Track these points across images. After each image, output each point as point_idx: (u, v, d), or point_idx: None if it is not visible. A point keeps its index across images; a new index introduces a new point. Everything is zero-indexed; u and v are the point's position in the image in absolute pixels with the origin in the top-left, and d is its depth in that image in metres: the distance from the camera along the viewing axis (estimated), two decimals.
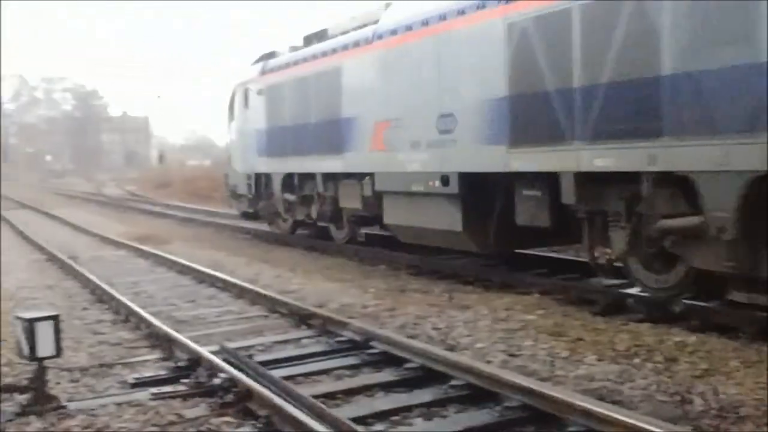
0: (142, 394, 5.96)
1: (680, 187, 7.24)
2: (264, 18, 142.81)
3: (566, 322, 7.79)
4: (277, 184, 15.79)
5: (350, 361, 6.71)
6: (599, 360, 6.29)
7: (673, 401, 5.21)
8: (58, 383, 6.33)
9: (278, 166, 15.50)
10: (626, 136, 7.51)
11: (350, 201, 13.18)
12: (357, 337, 7.21)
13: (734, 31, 6.35)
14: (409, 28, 11.12)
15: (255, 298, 9.81)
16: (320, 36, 14.47)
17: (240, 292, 10.31)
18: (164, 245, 16.28)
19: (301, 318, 8.39)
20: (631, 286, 8.55)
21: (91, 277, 11.68)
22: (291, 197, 15.47)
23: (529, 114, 8.81)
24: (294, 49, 15.57)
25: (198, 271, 12.09)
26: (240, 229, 18.63)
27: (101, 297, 10.47)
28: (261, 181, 16.58)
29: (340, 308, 9.00)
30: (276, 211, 16.42)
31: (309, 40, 14.95)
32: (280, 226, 16.77)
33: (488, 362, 6.27)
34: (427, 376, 6.05)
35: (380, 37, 11.85)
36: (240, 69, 17.83)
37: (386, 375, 6.23)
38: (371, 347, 6.91)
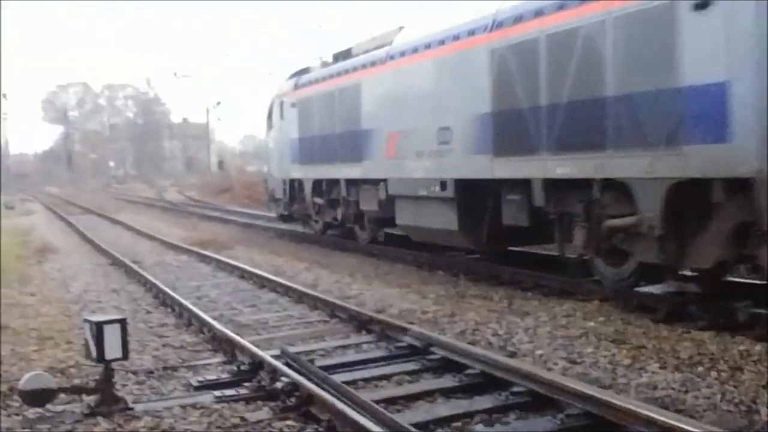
0: (206, 397, 6.05)
1: (622, 191, 8.54)
2: (264, 18, 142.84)
3: (627, 329, 7.72)
4: (308, 189, 17.52)
5: (410, 366, 6.71)
6: (662, 368, 6.22)
7: (739, 411, 5.13)
8: (125, 385, 6.47)
9: (309, 173, 17.31)
10: (580, 148, 8.94)
11: (369, 204, 14.82)
12: (417, 343, 7.21)
13: (658, 61, 7.73)
14: (415, 50, 12.81)
15: (315, 303, 9.88)
16: (345, 54, 16.22)
17: (300, 297, 10.38)
18: (225, 250, 16.46)
19: (361, 323, 8.43)
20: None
21: (155, 281, 11.88)
22: (320, 201, 17.21)
23: (508, 128, 10.28)
24: (324, 64, 17.52)
25: (259, 276, 12.21)
26: (299, 234, 18.73)
27: (164, 301, 10.64)
28: (295, 186, 18.32)
29: (399, 314, 9.03)
30: (308, 214, 18.17)
31: (336, 57, 16.83)
32: (313, 227, 18.46)
33: (549, 369, 6.25)
34: (487, 383, 6.02)
35: (392, 57, 13.61)
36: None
37: (447, 381, 6.23)
38: (431, 353, 6.90)
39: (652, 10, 7.87)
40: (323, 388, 5.72)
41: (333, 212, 16.93)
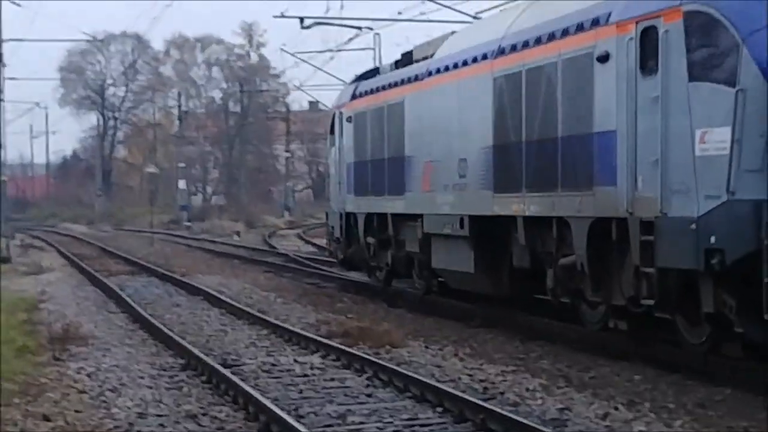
0: None
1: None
2: None
3: None
4: (360, 226, 24.23)
5: None
6: None
7: None
8: None
9: (361, 206, 24.09)
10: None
11: (412, 244, 21.27)
12: None
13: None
14: (446, 67, 19.11)
15: None
16: (407, 59, 22.84)
17: None
18: (390, 348, 16.59)
19: None
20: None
21: (263, 401, 12.01)
22: (372, 240, 23.76)
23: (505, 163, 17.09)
24: (392, 67, 24.19)
25: (456, 400, 12.11)
26: (534, 327, 18.08)
27: None
28: (351, 222, 25.11)
29: None
30: (365, 258, 24.73)
31: (397, 63, 23.56)
32: (376, 276, 24.76)
33: None
34: None
35: (430, 73, 19.98)
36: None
37: None
38: None
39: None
40: None
41: (385, 256, 23.67)
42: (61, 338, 18.39)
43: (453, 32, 21.40)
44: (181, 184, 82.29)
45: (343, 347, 16.38)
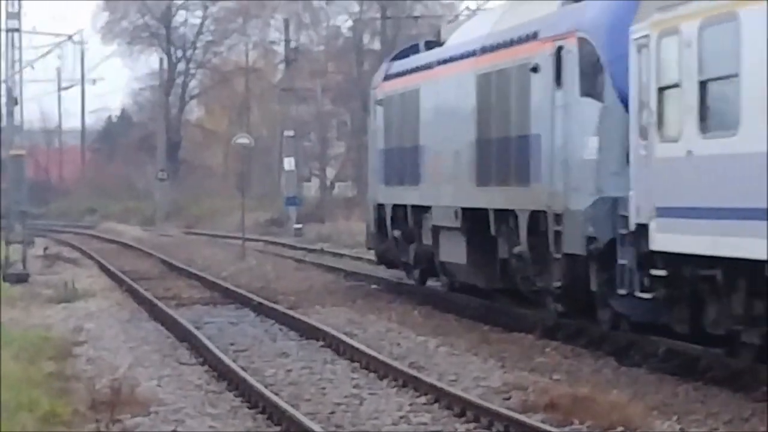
0: None
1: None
2: None
3: None
4: (388, 218, 33.60)
5: None
6: None
7: None
8: None
9: (389, 196, 33.91)
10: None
11: (427, 237, 31.14)
12: None
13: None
14: (450, 59, 30.33)
15: None
16: (436, 42, 32.65)
17: None
18: (621, 429, 16.82)
19: None
20: None
21: None
22: (398, 234, 32.68)
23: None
24: (428, 46, 33.51)
25: None
26: None
27: None
28: (382, 214, 34.61)
29: None
30: (395, 254, 33.12)
31: (427, 44, 33.66)
32: (411, 274, 33.29)
33: None
34: None
35: (438, 63, 30.95)
36: None
37: None
38: None
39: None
40: None
41: (409, 250, 32.73)
42: (108, 403, 18.20)
43: (475, 12, 30.04)
44: (288, 163, 78.34)
45: (548, 428, 16.09)
